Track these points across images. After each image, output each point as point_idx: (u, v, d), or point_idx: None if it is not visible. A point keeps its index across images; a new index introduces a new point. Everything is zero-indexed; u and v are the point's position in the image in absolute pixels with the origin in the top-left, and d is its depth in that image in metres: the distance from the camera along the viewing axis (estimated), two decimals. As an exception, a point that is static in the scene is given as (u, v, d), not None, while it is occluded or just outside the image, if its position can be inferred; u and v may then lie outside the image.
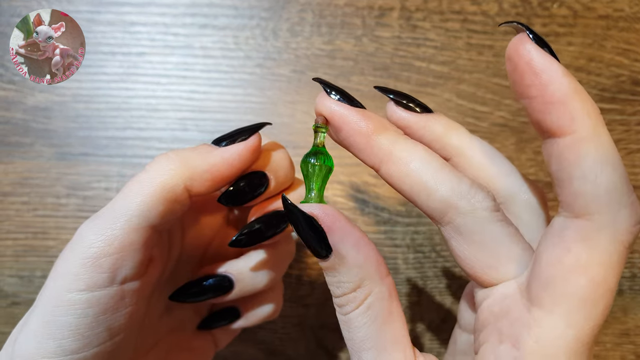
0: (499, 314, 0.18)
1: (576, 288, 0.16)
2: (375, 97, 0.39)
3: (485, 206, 0.18)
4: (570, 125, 0.16)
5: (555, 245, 0.17)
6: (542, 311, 0.17)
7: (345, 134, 0.20)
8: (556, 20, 0.41)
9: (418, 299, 0.37)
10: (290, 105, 0.39)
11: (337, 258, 0.18)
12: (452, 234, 0.18)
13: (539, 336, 0.16)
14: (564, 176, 0.16)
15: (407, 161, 0.18)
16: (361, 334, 0.19)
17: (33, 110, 0.38)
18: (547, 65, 0.16)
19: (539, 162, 0.38)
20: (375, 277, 0.19)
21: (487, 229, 0.18)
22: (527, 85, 0.16)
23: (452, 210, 0.18)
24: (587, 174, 0.15)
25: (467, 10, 0.41)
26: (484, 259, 0.18)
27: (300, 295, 0.36)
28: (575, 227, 0.16)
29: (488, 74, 0.40)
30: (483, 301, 0.19)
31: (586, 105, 0.16)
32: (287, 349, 0.36)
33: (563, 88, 0.16)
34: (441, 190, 0.18)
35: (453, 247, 0.19)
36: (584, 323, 0.16)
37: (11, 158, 0.38)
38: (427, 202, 0.18)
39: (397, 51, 0.40)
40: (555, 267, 0.16)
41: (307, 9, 0.40)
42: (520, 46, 0.16)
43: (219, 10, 0.40)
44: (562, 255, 0.16)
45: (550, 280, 0.16)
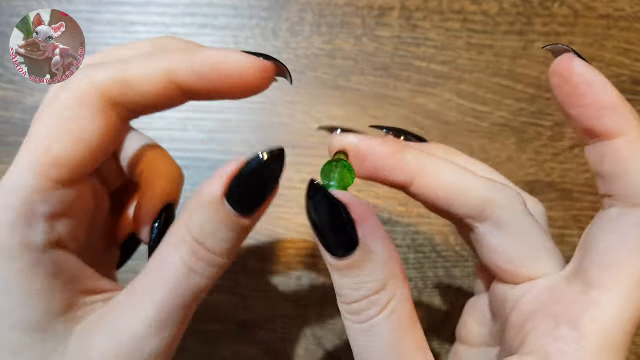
0: (549, 302, 0.19)
1: (635, 269, 0.17)
2: (375, 97, 0.39)
3: (520, 200, 0.20)
4: (624, 127, 0.18)
5: (614, 231, 0.18)
6: (601, 292, 0.18)
7: (372, 159, 0.20)
8: (557, 20, 0.41)
9: (418, 299, 0.37)
10: (290, 105, 0.39)
11: (364, 253, 0.17)
12: (491, 229, 0.20)
13: (599, 316, 0.17)
14: (619, 171, 0.18)
15: (438, 171, 0.20)
16: (385, 343, 0.17)
17: (32, 110, 0.38)
18: (597, 76, 0.18)
19: (540, 162, 0.38)
20: (400, 277, 0.18)
21: (524, 222, 0.19)
22: (580, 95, 0.18)
23: (490, 205, 0.19)
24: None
25: (467, 10, 0.41)
26: (522, 251, 0.20)
27: (300, 295, 0.36)
28: (634, 214, 0.18)
29: (488, 73, 0.40)
30: (524, 295, 0.20)
31: (632, 110, 0.18)
32: (287, 349, 0.36)
33: (615, 95, 0.18)
34: (478, 189, 0.19)
35: (491, 244, 0.20)
36: (639, 304, 0.17)
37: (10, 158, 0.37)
38: (466, 203, 0.19)
39: (397, 51, 0.40)
40: (616, 250, 0.18)
41: (307, 8, 0.40)
42: (570, 62, 0.18)
43: (218, 10, 0.40)
44: (624, 239, 0.18)
45: (612, 263, 0.18)
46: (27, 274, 0.18)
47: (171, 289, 0.18)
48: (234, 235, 0.18)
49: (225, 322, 0.36)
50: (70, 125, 0.18)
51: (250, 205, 0.18)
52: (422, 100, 0.39)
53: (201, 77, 0.19)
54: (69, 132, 0.18)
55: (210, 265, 0.18)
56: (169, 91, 0.19)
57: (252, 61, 0.19)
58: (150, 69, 0.19)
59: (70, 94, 0.19)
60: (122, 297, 0.19)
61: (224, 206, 0.18)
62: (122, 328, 0.18)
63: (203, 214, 0.18)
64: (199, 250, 0.18)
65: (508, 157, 0.38)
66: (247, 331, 0.36)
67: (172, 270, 0.18)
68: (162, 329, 0.18)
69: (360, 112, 0.39)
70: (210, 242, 0.18)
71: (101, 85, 0.19)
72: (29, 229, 0.18)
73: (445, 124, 0.39)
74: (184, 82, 0.19)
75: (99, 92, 0.19)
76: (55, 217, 0.18)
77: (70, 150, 0.18)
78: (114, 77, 0.19)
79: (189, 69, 0.19)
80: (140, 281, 0.19)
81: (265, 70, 0.19)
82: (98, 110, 0.19)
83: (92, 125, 0.19)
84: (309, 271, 0.37)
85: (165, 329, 0.18)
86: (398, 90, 0.39)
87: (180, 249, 0.18)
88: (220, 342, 0.36)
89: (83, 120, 0.18)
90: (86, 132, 0.18)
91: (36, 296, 0.18)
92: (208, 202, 0.18)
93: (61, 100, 0.19)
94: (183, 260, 0.18)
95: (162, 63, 0.19)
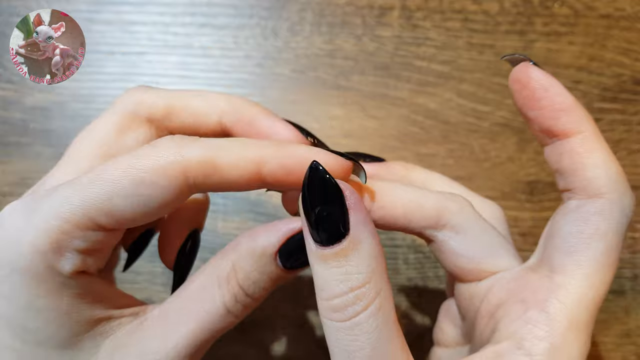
0: (516, 289, 0.20)
1: (595, 253, 0.19)
2: (375, 97, 0.39)
3: (468, 204, 0.22)
4: (579, 127, 0.20)
5: (574, 220, 0.20)
6: (565, 276, 0.19)
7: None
8: (557, 20, 0.40)
9: (418, 299, 0.37)
10: (290, 104, 0.39)
11: (352, 243, 0.17)
12: (449, 234, 0.21)
13: (564, 298, 0.19)
14: (577, 166, 0.20)
15: (391, 191, 0.21)
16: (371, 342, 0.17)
17: (32, 110, 0.38)
18: (552, 82, 0.20)
19: (540, 162, 0.38)
20: (385, 274, 0.18)
21: (478, 224, 0.21)
22: (538, 98, 0.20)
23: (444, 212, 0.21)
24: (599, 163, 0.19)
25: (467, 10, 0.40)
26: (481, 249, 0.21)
27: (300, 295, 0.36)
28: (591, 204, 0.19)
29: (489, 73, 0.40)
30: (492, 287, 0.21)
31: (585, 111, 0.20)
32: (287, 350, 0.36)
33: (569, 98, 0.20)
34: (430, 199, 0.21)
35: (451, 247, 0.21)
36: (599, 285, 0.19)
37: (10, 158, 0.37)
38: (422, 213, 0.21)
39: (398, 50, 0.40)
40: (577, 236, 0.19)
41: (307, 8, 0.40)
42: (528, 69, 0.20)
43: (218, 10, 0.40)
44: (583, 227, 0.19)
45: (573, 249, 0.19)
46: (54, 295, 0.18)
47: (206, 323, 0.19)
48: (273, 285, 0.20)
49: (225, 323, 0.36)
50: (142, 189, 0.17)
51: (298, 264, 0.20)
52: (423, 100, 0.39)
53: (289, 172, 0.19)
54: (137, 195, 0.17)
55: (244, 306, 0.20)
56: (253, 180, 0.19)
57: (339, 162, 0.19)
58: (241, 159, 0.18)
59: (156, 160, 0.18)
60: (154, 318, 0.20)
61: (275, 262, 0.20)
62: (152, 350, 0.19)
63: (252, 263, 0.19)
64: (240, 295, 0.20)
65: (508, 157, 0.38)
66: (247, 332, 0.36)
67: (211, 306, 0.19)
68: (190, 356, 0.19)
69: (361, 112, 0.39)
70: (252, 288, 0.20)
71: (188, 163, 0.18)
72: (59, 257, 0.17)
73: (445, 123, 0.39)
74: (270, 174, 0.19)
75: (184, 169, 0.18)
76: (87, 252, 0.18)
77: (129, 210, 0.18)
78: (204, 160, 0.18)
79: (277, 163, 0.18)
80: (175, 306, 0.20)
81: (347, 170, 0.19)
82: (176, 186, 0.18)
83: (162, 196, 0.18)
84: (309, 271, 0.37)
85: (191, 357, 0.19)
86: (398, 90, 0.39)
87: (223, 289, 0.19)
88: (221, 343, 0.35)
89: (157, 189, 0.18)
90: (154, 200, 0.18)
91: (64, 315, 0.18)
92: (261, 254, 0.19)
93: (145, 161, 0.18)
94: (224, 301, 0.19)
95: (254, 155, 0.18)
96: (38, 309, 0.18)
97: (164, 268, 0.34)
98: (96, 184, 0.17)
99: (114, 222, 0.18)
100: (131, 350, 0.19)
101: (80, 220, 0.17)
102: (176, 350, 0.19)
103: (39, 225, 0.17)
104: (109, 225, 0.18)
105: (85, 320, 0.19)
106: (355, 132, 0.38)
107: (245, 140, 0.19)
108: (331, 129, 0.38)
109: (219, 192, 0.21)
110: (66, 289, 0.18)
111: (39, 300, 0.18)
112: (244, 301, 0.20)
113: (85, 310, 0.19)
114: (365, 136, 0.38)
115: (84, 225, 0.17)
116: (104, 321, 0.19)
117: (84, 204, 0.17)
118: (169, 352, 0.19)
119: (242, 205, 0.37)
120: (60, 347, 0.18)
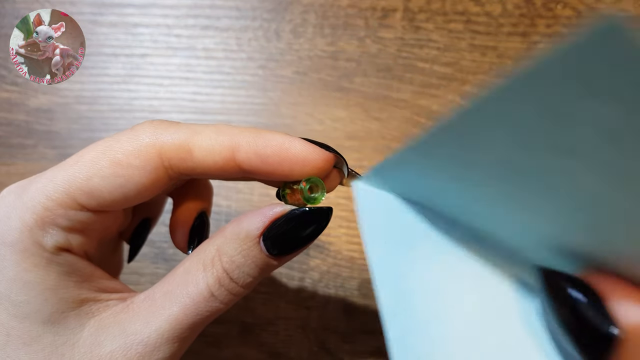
0: None
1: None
2: (378, 99, 0.39)
3: None
4: None
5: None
6: None
7: None
8: (560, 21, 0.40)
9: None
10: (293, 106, 0.39)
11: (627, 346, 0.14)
12: None
13: None
14: None
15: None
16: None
17: (36, 111, 0.38)
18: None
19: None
20: None
21: None
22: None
23: None
24: None
25: (470, 11, 0.40)
26: None
27: (302, 297, 0.36)
28: None
29: (491, 75, 0.39)
30: None
31: None
32: (289, 351, 0.36)
33: None
34: None
35: None
36: None
37: (14, 160, 0.38)
38: None
39: (400, 52, 0.40)
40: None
41: (310, 10, 0.40)
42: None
43: (221, 12, 0.40)
44: None
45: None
46: (41, 269, 0.19)
47: (189, 307, 0.19)
48: (259, 272, 0.20)
49: (228, 325, 0.36)
50: (119, 170, 0.19)
51: (283, 250, 0.19)
52: (425, 102, 0.39)
53: (263, 159, 0.19)
54: (115, 175, 0.19)
55: (230, 293, 0.20)
56: (228, 166, 0.20)
57: (316, 152, 0.19)
58: (216, 144, 0.19)
59: (132, 142, 0.19)
60: (139, 301, 0.20)
61: (258, 245, 0.19)
62: (135, 331, 0.19)
63: (236, 246, 0.19)
64: (224, 279, 0.19)
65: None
66: (250, 333, 0.36)
67: (195, 290, 0.19)
68: (173, 341, 0.19)
69: (363, 114, 0.39)
70: (236, 273, 0.19)
71: (163, 146, 0.19)
72: (43, 233, 0.19)
73: (448, 125, 0.39)
74: (244, 160, 0.20)
75: (159, 151, 0.19)
76: (70, 231, 0.19)
77: (108, 190, 0.19)
78: (179, 143, 0.19)
79: (252, 149, 0.19)
80: (161, 290, 0.20)
81: (325, 161, 0.20)
82: (152, 168, 0.19)
83: (138, 178, 0.19)
84: (312, 273, 0.37)
85: (175, 342, 0.19)
86: (401, 92, 0.39)
87: (207, 272, 0.19)
88: (223, 344, 0.36)
89: (133, 170, 0.19)
90: (131, 181, 0.19)
91: (49, 290, 0.19)
92: (244, 237, 0.19)
93: (122, 142, 0.19)
94: (207, 284, 0.19)
95: (229, 140, 0.19)
96: (24, 282, 0.18)
97: (166, 270, 0.34)
98: (78, 165, 0.19)
99: (95, 203, 0.19)
100: (114, 330, 0.19)
101: (63, 198, 0.19)
102: (158, 332, 0.19)
103: (27, 202, 0.19)
104: (90, 206, 0.19)
105: (72, 299, 0.19)
106: (358, 134, 0.38)
107: (221, 125, 0.20)
108: (334, 130, 0.38)
109: (198, 177, 0.21)
110: (53, 266, 0.19)
111: (25, 274, 0.18)
112: (228, 286, 0.20)
113: (72, 289, 0.19)
114: (368, 138, 0.38)
115: (66, 204, 0.19)
116: (91, 302, 0.20)
117: (65, 184, 0.19)
118: (151, 334, 0.19)
119: (246, 207, 0.37)
120: (45, 321, 0.19)
